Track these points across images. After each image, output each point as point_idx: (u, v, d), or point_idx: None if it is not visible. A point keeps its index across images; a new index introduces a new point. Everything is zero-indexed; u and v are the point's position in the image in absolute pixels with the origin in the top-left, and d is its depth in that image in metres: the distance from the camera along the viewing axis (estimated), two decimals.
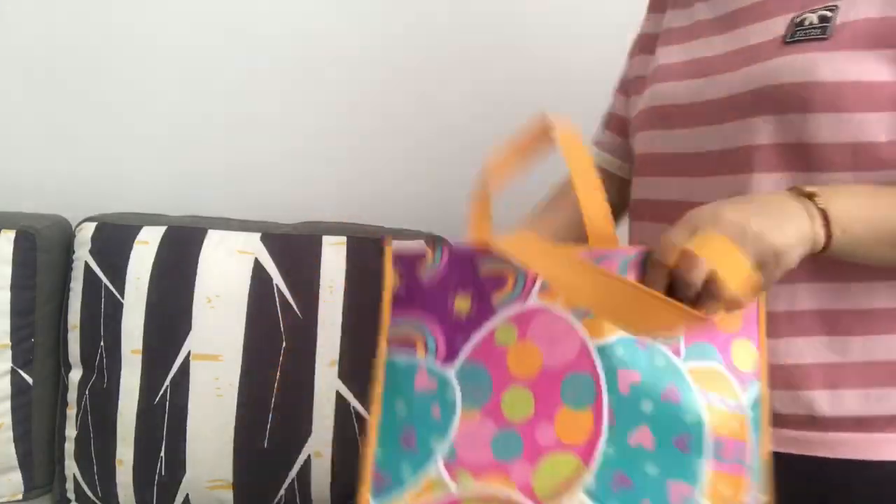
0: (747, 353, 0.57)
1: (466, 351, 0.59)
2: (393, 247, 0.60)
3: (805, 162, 0.65)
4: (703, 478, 0.53)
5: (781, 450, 0.66)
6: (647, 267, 0.56)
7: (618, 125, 0.92)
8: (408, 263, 0.62)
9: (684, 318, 0.52)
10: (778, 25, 0.68)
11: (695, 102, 0.73)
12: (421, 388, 0.60)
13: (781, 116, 0.65)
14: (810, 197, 0.58)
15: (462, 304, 0.60)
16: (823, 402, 0.66)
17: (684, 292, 0.53)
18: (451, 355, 0.59)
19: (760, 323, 0.58)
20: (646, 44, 0.87)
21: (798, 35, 0.66)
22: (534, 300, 0.58)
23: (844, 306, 0.66)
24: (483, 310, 0.59)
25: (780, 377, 0.67)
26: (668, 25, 0.83)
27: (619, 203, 0.91)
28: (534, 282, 0.58)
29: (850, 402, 0.66)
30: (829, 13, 0.65)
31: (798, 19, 0.66)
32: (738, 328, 0.57)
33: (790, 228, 0.55)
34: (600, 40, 1.04)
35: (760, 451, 0.55)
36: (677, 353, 0.55)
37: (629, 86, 0.89)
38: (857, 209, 0.59)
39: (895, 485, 0.65)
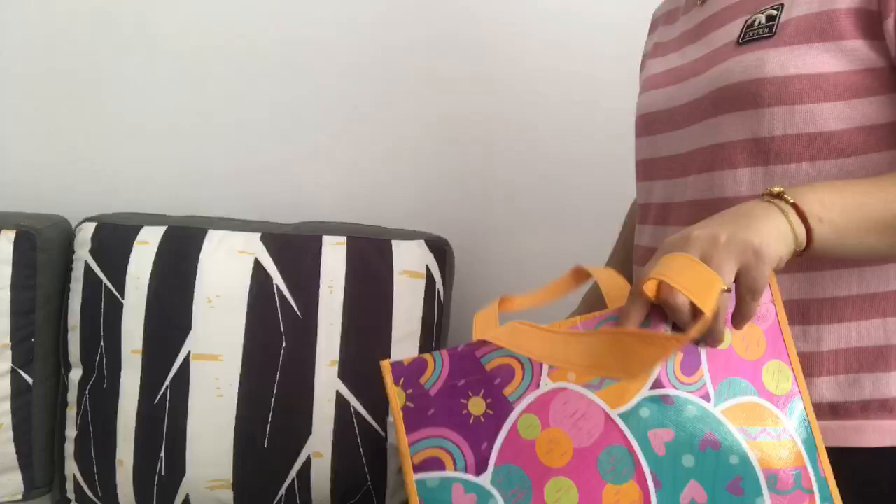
0: (780, 374, 0.56)
1: (495, 455, 0.56)
2: (390, 363, 0.58)
3: (765, 155, 0.67)
4: None
5: None
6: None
7: None
8: (410, 376, 0.60)
9: (665, 345, 0.51)
10: (735, 29, 0.72)
11: (671, 108, 0.78)
12: (460, 503, 0.57)
13: (739, 114, 0.68)
14: (779, 196, 0.58)
15: (476, 406, 0.58)
16: (827, 387, 0.67)
17: (676, 319, 0.53)
18: (481, 463, 0.57)
19: (786, 337, 0.58)
20: (643, 61, 0.93)
21: (749, 35, 0.69)
22: (546, 384, 0.56)
23: (816, 295, 0.68)
24: (499, 407, 0.57)
25: None
26: (657, 41, 0.88)
27: None
28: (541, 365, 0.57)
29: (824, 389, 0.67)
30: (774, 12, 0.69)
31: (750, 21, 0.70)
32: (762, 352, 0.56)
33: (762, 226, 0.55)
34: (601, 43, 1.04)
35: (821, 469, 0.55)
36: (707, 398, 0.55)
37: None
38: (832, 199, 0.59)
39: (871, 472, 0.66)
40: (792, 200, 0.57)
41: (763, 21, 0.69)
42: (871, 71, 0.64)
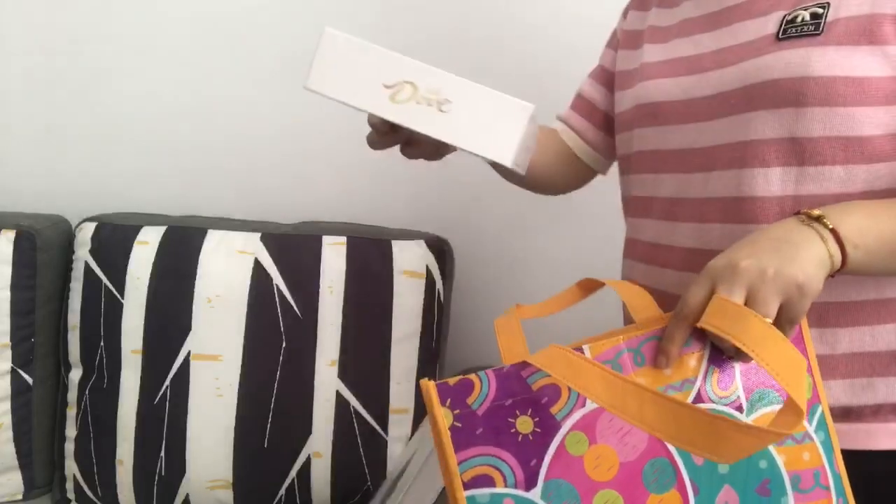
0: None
1: (544, 470, 0.58)
2: (435, 383, 0.58)
3: (798, 156, 0.66)
4: None
5: None
6: (670, 320, 0.57)
7: (588, 111, 0.94)
8: (457, 396, 0.60)
9: (763, 437, 0.50)
10: (770, 23, 0.69)
11: (687, 99, 0.75)
12: None
13: (775, 111, 0.67)
14: (819, 219, 0.59)
15: (524, 424, 0.59)
16: (840, 390, 0.67)
17: (724, 349, 0.57)
18: (530, 479, 0.58)
19: (807, 344, 0.60)
20: (631, 39, 0.88)
21: (790, 31, 0.67)
22: (592, 403, 0.58)
23: (834, 299, 0.67)
24: (547, 425, 0.58)
25: None
26: (653, 23, 0.84)
27: (574, 183, 0.98)
28: None
29: (838, 392, 0.67)
30: (820, 10, 0.67)
31: (790, 17, 0.68)
32: None
33: (806, 257, 0.56)
34: (604, 43, 1.04)
35: (836, 467, 0.58)
36: (740, 409, 0.58)
37: (614, 79, 0.90)
38: (868, 225, 0.59)
39: (883, 474, 0.66)
40: (831, 226, 0.58)
41: (807, 18, 0.67)
42: None
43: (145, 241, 1.14)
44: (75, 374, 1.15)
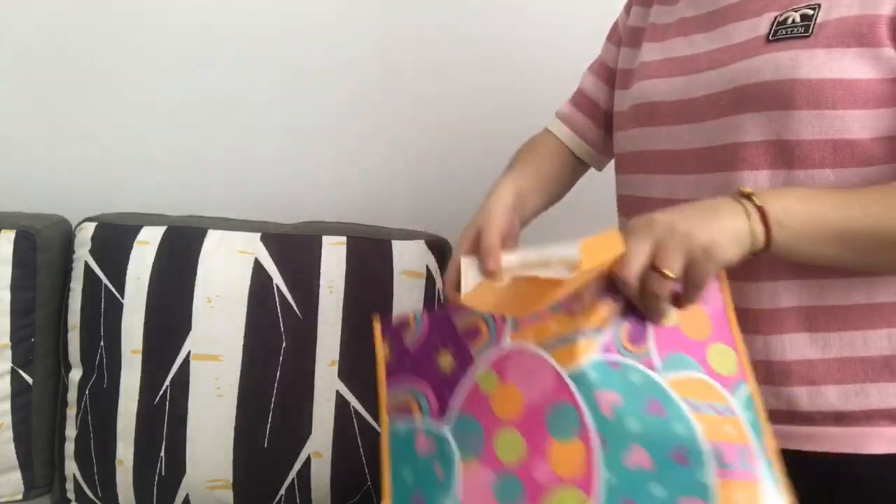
0: (726, 357, 0.58)
1: (456, 404, 0.60)
2: (380, 319, 0.63)
3: (787, 159, 0.66)
4: (713, 490, 0.51)
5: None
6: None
7: (587, 106, 0.93)
8: (395, 333, 0.65)
9: (546, 288, 0.55)
10: (762, 24, 0.69)
11: (680, 100, 0.74)
12: (422, 450, 0.61)
13: (764, 114, 0.66)
14: (748, 197, 0.60)
15: (445, 360, 0.62)
16: (803, 397, 0.67)
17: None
18: (442, 411, 0.61)
19: (731, 323, 0.59)
20: (633, 37, 0.87)
21: (781, 33, 0.67)
22: (507, 342, 0.59)
23: (824, 303, 0.67)
24: (464, 361, 0.61)
25: (763, 373, 0.68)
26: (654, 21, 0.84)
27: (569, 182, 0.96)
28: (504, 325, 0.60)
29: (831, 398, 0.67)
30: (810, 11, 0.66)
31: (781, 18, 0.68)
32: (708, 333, 0.58)
33: (723, 227, 0.57)
34: (599, 42, 1.04)
35: (767, 452, 0.55)
36: (651, 367, 0.56)
37: (614, 76, 0.89)
38: (797, 207, 0.60)
39: (876, 478, 0.66)
40: (759, 203, 0.59)
41: (798, 20, 0.66)
42: None
43: (145, 241, 1.14)
44: (75, 374, 1.15)
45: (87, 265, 1.14)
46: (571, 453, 0.54)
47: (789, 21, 0.67)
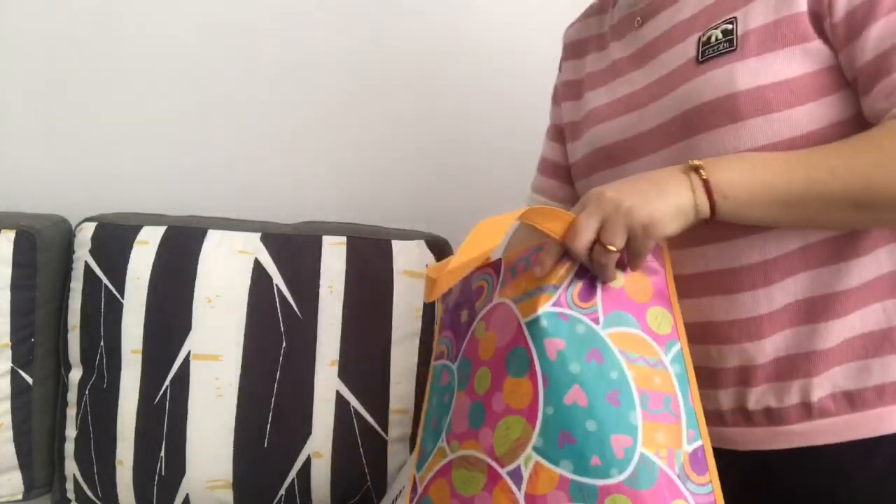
0: (662, 318, 0.65)
1: (462, 349, 0.71)
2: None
3: None
4: (638, 428, 0.59)
5: (784, 446, 0.70)
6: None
7: (553, 170, 0.96)
8: (445, 296, 0.78)
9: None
10: (689, 48, 0.72)
11: (634, 136, 0.77)
12: (443, 382, 0.72)
13: (715, 132, 0.68)
14: (696, 170, 0.63)
15: (464, 315, 0.73)
16: (815, 389, 0.68)
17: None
18: (456, 354, 0.72)
19: (671, 290, 0.67)
20: (571, 90, 0.90)
21: (708, 52, 0.70)
22: (495, 298, 0.69)
23: (819, 292, 0.69)
24: (472, 316, 0.72)
25: (767, 372, 0.70)
26: (590, 70, 0.86)
27: None
28: (496, 285, 0.70)
29: (837, 378, 0.68)
30: (730, 26, 0.69)
31: (704, 38, 0.70)
32: (649, 297, 0.66)
33: (665, 204, 0.62)
34: None
35: (691, 400, 0.63)
36: (596, 321, 0.63)
37: (564, 131, 0.92)
38: (742, 178, 0.63)
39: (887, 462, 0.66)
40: (705, 177, 0.63)
41: (720, 36, 0.69)
42: (831, 69, 0.66)
43: (145, 241, 1.14)
44: (75, 374, 1.15)
45: (87, 265, 1.14)
46: (521, 389, 0.63)
47: (713, 39, 0.70)
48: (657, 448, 0.59)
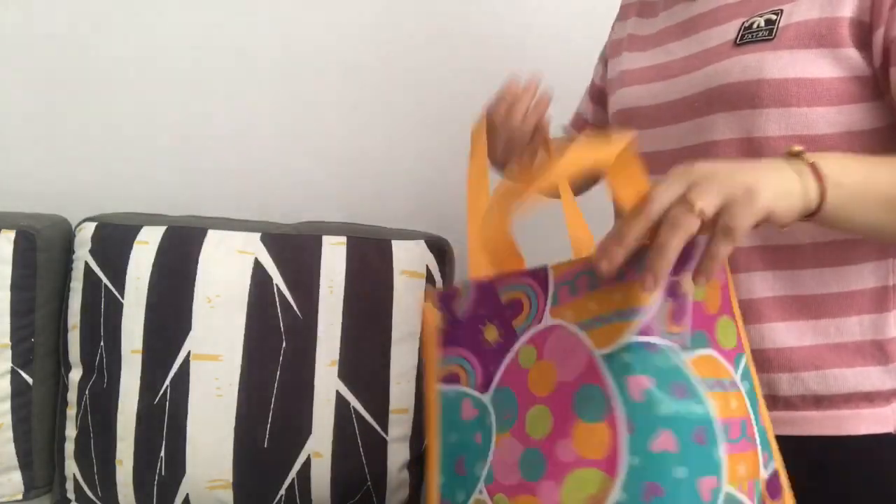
0: (728, 329, 0.58)
1: (498, 377, 0.61)
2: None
3: (758, 155, 0.69)
4: (723, 465, 0.52)
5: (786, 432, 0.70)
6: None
7: (579, 124, 1.00)
8: (446, 303, 0.66)
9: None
10: (730, 30, 0.73)
11: (656, 104, 0.79)
12: (467, 416, 0.62)
13: (734, 113, 0.70)
14: (798, 155, 0.57)
15: (490, 333, 0.63)
16: (783, 383, 0.70)
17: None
18: (486, 383, 0.62)
19: (731, 290, 0.59)
20: (614, 49, 0.92)
21: (747, 37, 0.71)
22: (547, 318, 0.59)
23: (798, 292, 0.70)
24: (507, 336, 0.61)
25: (765, 361, 0.71)
26: (632, 32, 0.89)
27: (588, 185, 1.02)
28: (546, 301, 0.59)
29: (809, 383, 0.69)
30: (774, 16, 0.70)
31: (748, 23, 0.72)
32: (718, 305, 0.57)
33: (769, 177, 0.53)
34: (603, 40, 1.04)
35: (762, 419, 0.56)
36: (684, 347, 0.54)
37: (600, 92, 0.96)
38: (853, 165, 0.59)
39: (862, 459, 0.68)
40: (811, 161, 0.56)
41: (762, 24, 0.70)
42: (860, 78, 0.66)
43: (145, 241, 1.14)
44: (75, 374, 1.15)
45: (87, 265, 1.14)
46: (597, 436, 0.53)
47: (755, 26, 0.71)
48: (739, 483, 0.53)
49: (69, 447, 1.15)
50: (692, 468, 0.51)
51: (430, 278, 1.15)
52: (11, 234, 1.14)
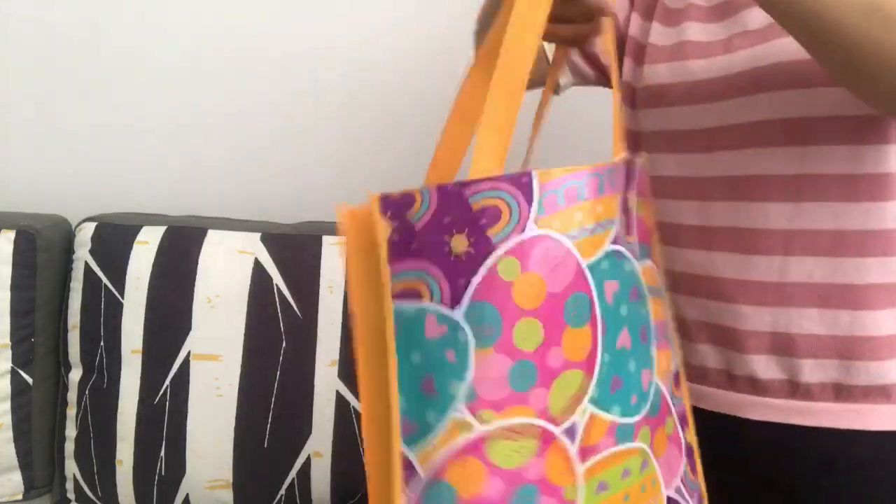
0: (658, 246, 0.63)
1: (471, 291, 0.56)
2: (379, 194, 0.58)
3: (804, 135, 0.67)
4: (654, 360, 0.59)
5: (762, 418, 0.70)
6: None
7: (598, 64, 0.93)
8: (398, 209, 0.59)
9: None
10: None
11: (692, 81, 0.75)
12: (432, 335, 0.57)
13: (782, 92, 0.68)
14: None
15: (458, 243, 0.57)
16: (805, 369, 0.69)
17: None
18: (455, 298, 0.57)
19: (651, 230, 0.64)
20: (644, 10, 0.86)
21: None
22: (531, 230, 0.56)
23: (837, 281, 0.68)
24: (481, 247, 0.57)
25: (767, 343, 0.70)
26: (670, 5, 0.84)
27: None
28: (529, 210, 0.56)
29: (832, 372, 0.68)
30: None
31: None
32: (652, 223, 0.63)
33: None
34: None
35: (672, 319, 0.63)
36: (636, 256, 0.60)
37: (638, 50, 0.87)
38: None
39: (875, 457, 0.67)
40: None
41: None
42: None
43: (145, 241, 1.14)
44: (75, 374, 1.15)
45: (87, 265, 1.14)
46: (581, 339, 0.55)
47: None
48: (661, 375, 0.59)
49: (69, 447, 1.15)
50: (638, 362, 0.58)
51: None
52: (11, 234, 1.14)
